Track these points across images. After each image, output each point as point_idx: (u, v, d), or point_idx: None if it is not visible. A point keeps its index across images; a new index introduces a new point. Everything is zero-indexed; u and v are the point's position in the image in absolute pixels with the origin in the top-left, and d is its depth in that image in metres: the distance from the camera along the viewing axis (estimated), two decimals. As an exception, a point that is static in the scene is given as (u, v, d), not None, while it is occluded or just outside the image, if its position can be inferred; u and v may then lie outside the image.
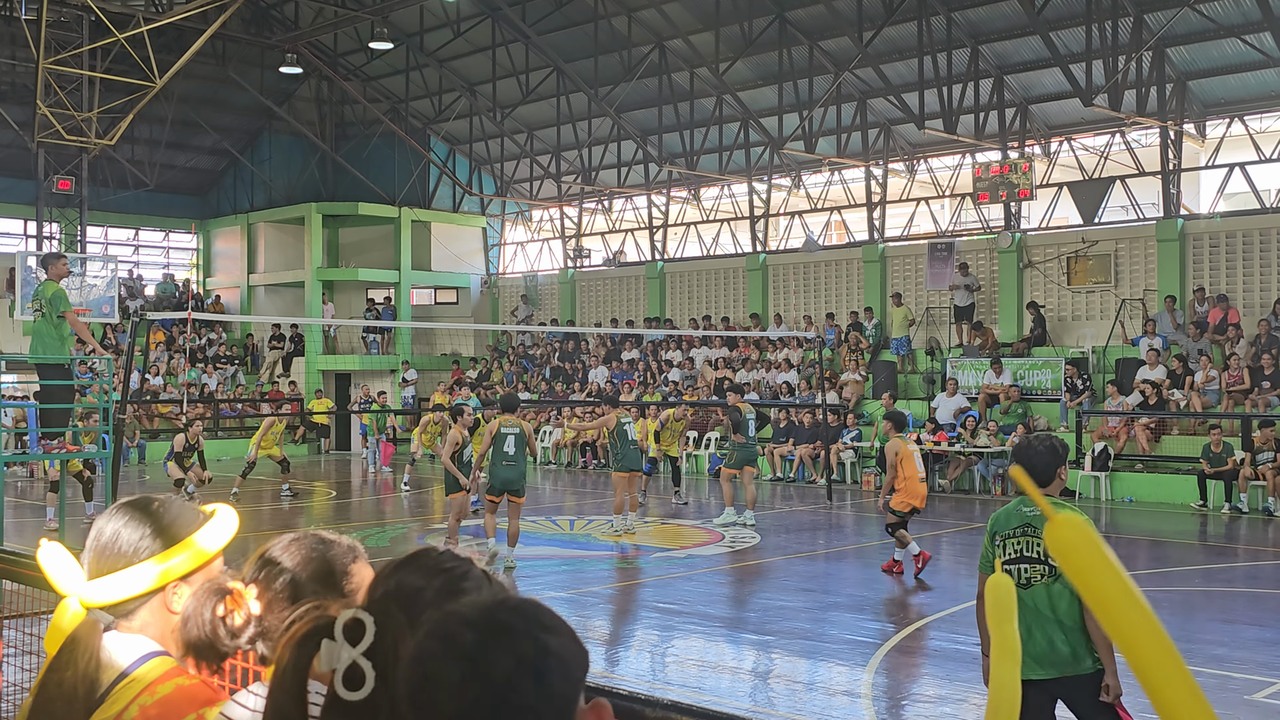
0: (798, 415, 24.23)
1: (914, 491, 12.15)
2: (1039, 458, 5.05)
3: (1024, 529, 5.05)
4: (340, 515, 18.69)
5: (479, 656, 1.29)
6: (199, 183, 37.78)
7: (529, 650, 1.30)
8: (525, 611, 1.34)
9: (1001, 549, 5.10)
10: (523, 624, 1.33)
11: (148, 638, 2.07)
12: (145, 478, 24.17)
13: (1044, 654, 4.90)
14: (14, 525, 15.49)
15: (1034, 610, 4.93)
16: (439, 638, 1.32)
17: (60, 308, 11.99)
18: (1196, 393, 20.44)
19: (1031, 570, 4.99)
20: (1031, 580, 4.98)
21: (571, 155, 32.70)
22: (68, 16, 27.53)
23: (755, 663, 9.27)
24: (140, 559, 2.05)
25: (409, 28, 31.28)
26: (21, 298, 24.88)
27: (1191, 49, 22.55)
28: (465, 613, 1.34)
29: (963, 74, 24.28)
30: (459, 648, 1.30)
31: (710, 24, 26.57)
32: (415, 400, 30.61)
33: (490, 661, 1.29)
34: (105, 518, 2.11)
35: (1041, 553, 4.97)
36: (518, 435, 13.04)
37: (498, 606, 1.35)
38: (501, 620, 1.32)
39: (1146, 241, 23.85)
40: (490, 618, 1.33)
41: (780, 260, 29.59)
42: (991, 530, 5.19)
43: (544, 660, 1.30)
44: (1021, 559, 5.02)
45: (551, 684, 1.30)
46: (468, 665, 1.28)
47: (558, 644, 1.33)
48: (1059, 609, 4.91)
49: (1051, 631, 4.90)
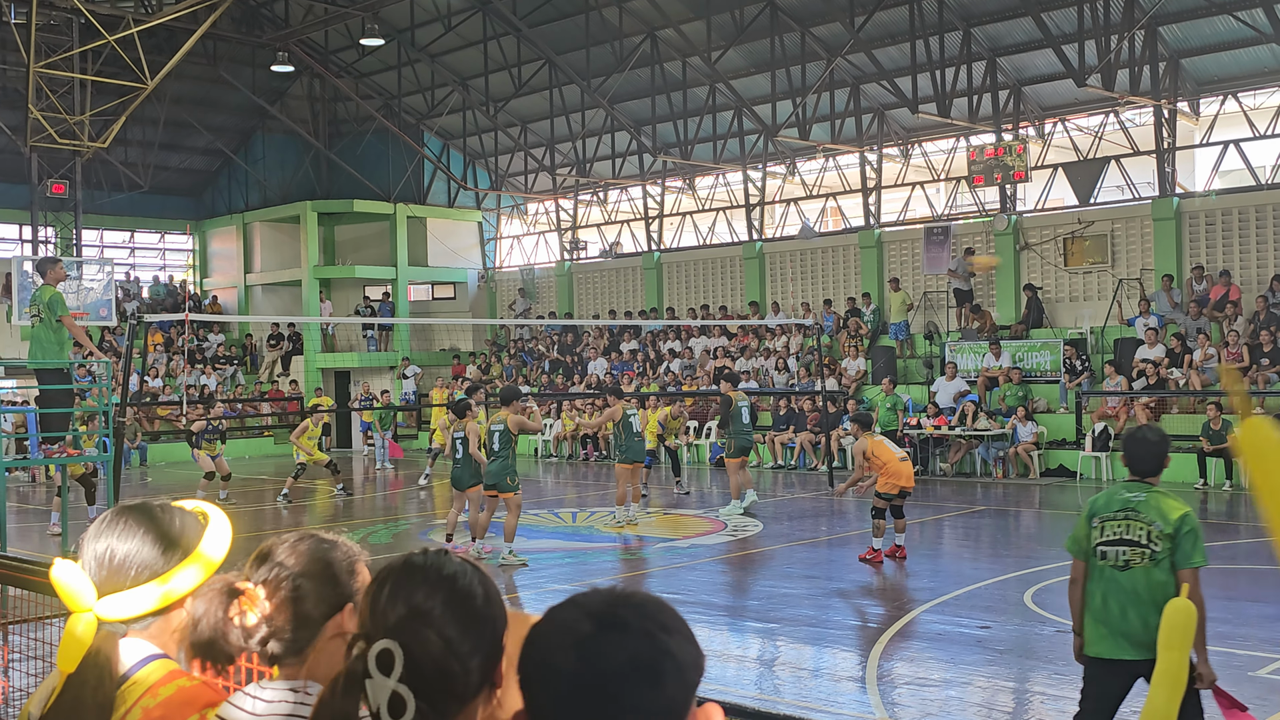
0: (798, 402, 24.24)
1: (896, 473, 12.14)
2: (1149, 447, 5.26)
3: (1125, 513, 5.15)
4: (344, 513, 18.69)
5: (593, 648, 1.31)
6: (193, 183, 37.73)
7: (645, 649, 1.31)
8: (647, 610, 1.36)
9: (1100, 531, 5.18)
10: (640, 622, 1.34)
11: (147, 640, 2.08)
12: (147, 480, 24.18)
13: (1138, 635, 4.98)
14: (16, 530, 15.50)
15: (1131, 592, 5.04)
16: (559, 625, 1.35)
17: (58, 311, 11.98)
18: (1195, 371, 20.45)
19: (1131, 553, 5.08)
20: (1130, 563, 5.08)
21: (565, 147, 32.66)
22: (57, 19, 27.46)
23: (760, 650, 9.29)
24: (155, 574, 2.06)
25: (400, 23, 31.23)
26: (19, 303, 24.87)
27: (1183, 27, 22.52)
28: (588, 603, 1.36)
29: (955, 57, 24.25)
30: (575, 637, 1.32)
31: (701, 12, 26.54)
32: (416, 396, 30.62)
33: (604, 655, 1.30)
34: (111, 529, 2.10)
35: (1142, 536, 5.06)
36: (502, 431, 13.09)
37: (621, 601, 1.36)
38: (621, 616, 1.34)
39: (1143, 221, 23.84)
40: (610, 612, 1.34)
41: (777, 248, 29.58)
42: (1090, 513, 5.27)
43: (660, 661, 1.32)
44: (1121, 541, 5.12)
45: (665, 685, 1.31)
46: (581, 655, 1.30)
47: (675, 646, 1.34)
48: (1156, 592, 4.99)
49: (1147, 614, 4.98)
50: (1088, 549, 5.21)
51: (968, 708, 7.48)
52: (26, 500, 21.20)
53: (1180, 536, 5.01)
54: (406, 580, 1.57)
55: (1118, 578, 5.06)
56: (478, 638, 1.55)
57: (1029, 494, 18.97)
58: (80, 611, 2.00)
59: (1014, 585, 11.23)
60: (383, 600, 1.55)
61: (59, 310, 11.98)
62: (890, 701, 7.61)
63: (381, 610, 1.54)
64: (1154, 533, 5.04)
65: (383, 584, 1.58)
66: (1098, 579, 5.14)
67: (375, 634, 1.51)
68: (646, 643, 1.32)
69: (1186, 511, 5.07)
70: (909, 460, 12.57)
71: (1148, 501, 5.11)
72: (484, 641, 1.56)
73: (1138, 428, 5.46)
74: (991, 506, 17.63)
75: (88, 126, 28.34)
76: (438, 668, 1.50)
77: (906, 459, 12.49)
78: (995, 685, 8.05)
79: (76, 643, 1.97)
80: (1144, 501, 5.11)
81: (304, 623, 2.02)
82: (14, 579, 4.22)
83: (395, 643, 1.48)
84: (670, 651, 1.33)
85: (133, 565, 2.06)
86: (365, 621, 1.55)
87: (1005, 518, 16.73)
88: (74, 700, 1.97)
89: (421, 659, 1.48)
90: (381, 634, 1.50)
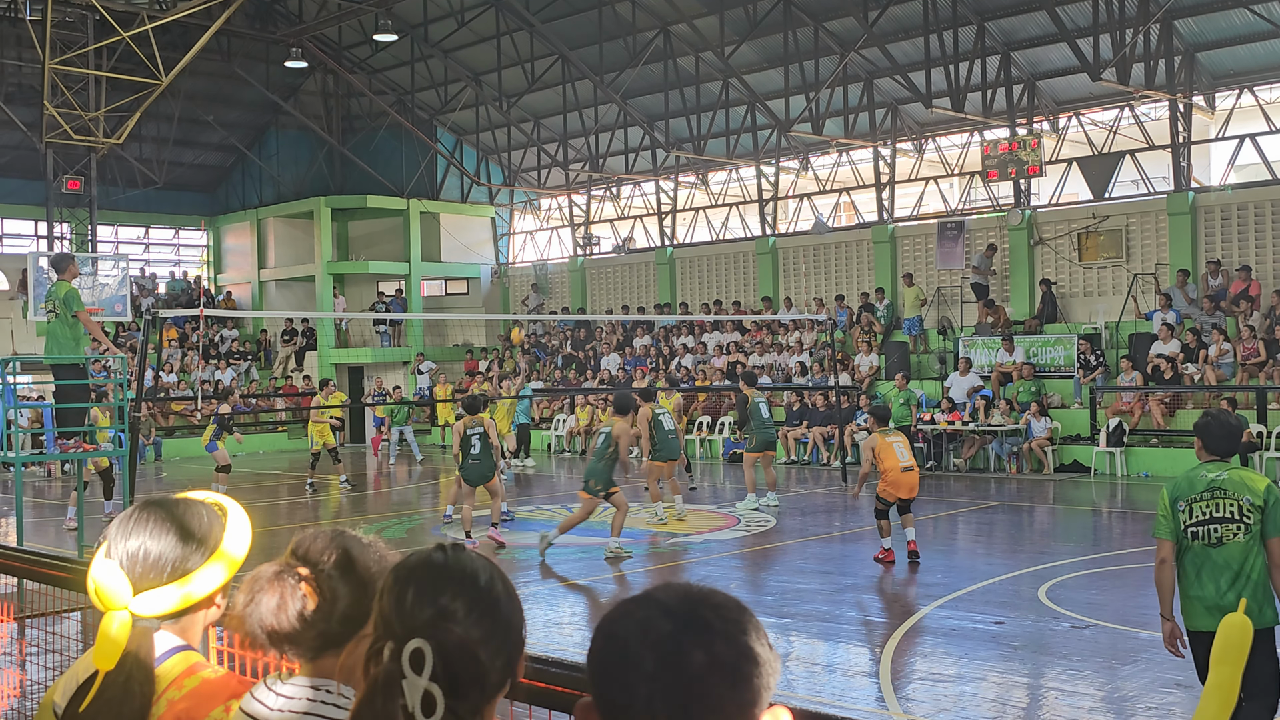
0: (810, 398, 24.22)
1: (896, 482, 11.96)
2: (1229, 428, 5.53)
3: (1212, 491, 5.34)
4: (357, 508, 18.75)
5: (673, 649, 1.29)
6: (208, 179, 37.85)
7: (725, 652, 1.30)
8: (727, 612, 1.35)
9: (1187, 513, 5.37)
10: (722, 624, 1.33)
11: (172, 633, 2.09)
12: (162, 475, 24.29)
13: (1231, 607, 5.08)
14: (33, 525, 15.59)
15: (1224, 565, 5.25)
16: (636, 622, 1.33)
17: (74, 307, 12.03)
18: (1210, 366, 20.36)
19: (1224, 529, 5.28)
20: (1224, 539, 5.27)
21: (578, 143, 32.66)
22: (72, 16, 27.57)
23: (774, 645, 9.29)
24: (186, 572, 2.08)
25: (413, 19, 31.26)
26: (34, 299, 24.99)
27: (1199, 20, 22.41)
28: (667, 601, 1.35)
29: (969, 51, 24.16)
30: (654, 635, 1.31)
31: (714, 7, 26.50)
32: (430, 392, 30.68)
33: (684, 655, 1.29)
34: (142, 526, 2.11)
35: (1233, 511, 5.26)
36: (481, 435, 13.95)
37: (701, 601, 1.35)
38: (702, 617, 1.33)
39: (1158, 215, 23.74)
40: (692, 612, 1.33)
41: (790, 243, 29.54)
42: (1173, 497, 5.45)
43: (740, 664, 1.31)
44: (1211, 520, 5.31)
45: (743, 688, 1.30)
46: (661, 655, 1.29)
47: (756, 647, 1.33)
48: (1248, 563, 5.24)
49: (1241, 587, 5.21)
50: (1178, 530, 5.40)
51: (981, 703, 7.47)
52: (42, 495, 21.31)
53: (1271, 506, 5.24)
54: (431, 580, 1.58)
55: (1211, 555, 5.28)
56: (502, 634, 1.57)
57: (1043, 489, 18.92)
58: (115, 609, 2.01)
59: (1028, 581, 11.20)
60: (409, 601, 1.56)
61: (75, 305, 12.03)
62: (904, 697, 7.60)
63: (409, 611, 1.55)
64: (1244, 506, 5.26)
65: (406, 585, 1.58)
66: (1192, 559, 5.35)
67: (404, 634, 1.52)
68: (727, 644, 1.31)
69: (1270, 483, 5.33)
70: (914, 470, 12.20)
71: (1231, 479, 5.34)
72: (507, 637, 1.57)
73: (1216, 410, 5.75)
74: (1005, 502, 17.60)
75: (103, 123, 28.45)
76: (466, 665, 1.51)
77: (911, 469, 12.13)
78: (1009, 681, 8.03)
79: (113, 641, 1.99)
80: (1228, 479, 5.32)
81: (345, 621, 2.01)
82: (31, 573, 4.25)
83: (425, 642, 1.49)
84: (751, 653, 1.32)
85: (167, 563, 2.08)
86: (391, 622, 1.56)
87: (1019, 513, 16.70)
88: (117, 698, 1.99)
89: (450, 657, 1.50)
90: (410, 634, 1.51)
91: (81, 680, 2.06)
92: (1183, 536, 5.37)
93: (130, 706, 1.98)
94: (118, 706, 1.98)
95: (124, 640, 1.99)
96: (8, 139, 31.36)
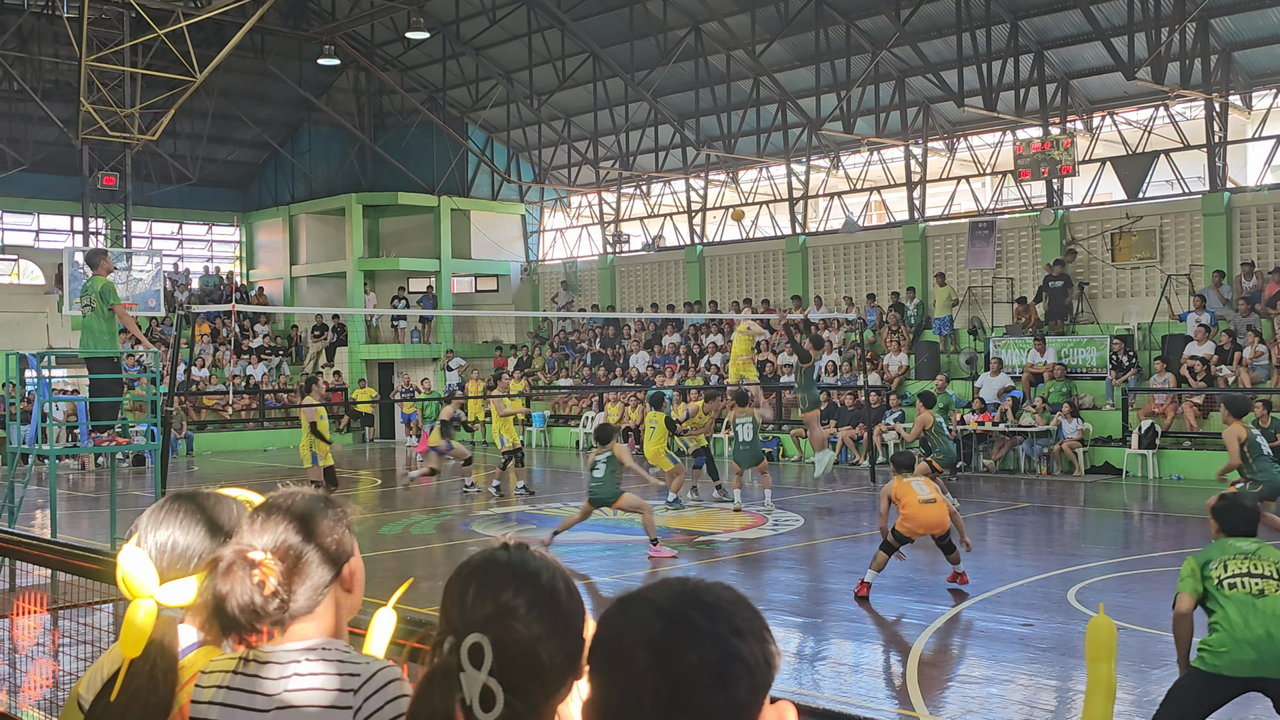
0: (840, 397, 24.13)
1: (914, 516, 10.73)
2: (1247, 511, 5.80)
3: (1245, 555, 5.56)
4: (387, 503, 18.83)
5: (663, 648, 1.30)
6: (240, 176, 38.12)
7: (713, 653, 1.30)
8: (717, 612, 1.34)
9: (1223, 568, 5.52)
10: (710, 624, 1.33)
11: (194, 628, 2.12)
12: (194, 469, 24.48)
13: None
14: (66, 518, 15.75)
15: (1273, 615, 5.36)
16: (630, 620, 1.35)
17: (110, 300, 12.16)
18: (1245, 368, 20.16)
19: (1264, 583, 5.46)
20: (1265, 591, 5.44)
21: (609, 140, 32.68)
22: (109, 14, 27.82)
23: (800, 645, 9.27)
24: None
25: (445, 16, 31.37)
26: (69, 294, 25.24)
27: (1235, 19, 22.17)
28: (659, 600, 1.36)
29: (1002, 50, 24.01)
30: (646, 634, 1.32)
31: (746, 5, 26.46)
32: (461, 388, 30.76)
33: (673, 654, 1.30)
34: (172, 518, 2.15)
35: (1272, 571, 5.47)
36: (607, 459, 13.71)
37: (691, 601, 1.35)
38: (690, 617, 1.33)
39: (1192, 216, 23.52)
40: (680, 612, 1.34)
41: (820, 242, 29.45)
42: (1202, 561, 5.59)
43: (729, 665, 1.31)
44: (1250, 575, 5.48)
45: (734, 690, 1.31)
46: (653, 654, 1.30)
47: (746, 650, 1.33)
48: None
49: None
50: (1206, 586, 5.52)
51: (1009, 705, 7.43)
52: (76, 488, 21.53)
53: None
54: (493, 577, 1.59)
55: (1255, 604, 5.39)
56: (563, 633, 1.58)
57: (1073, 491, 18.79)
58: (141, 598, 2.04)
59: (1057, 583, 11.13)
60: (470, 597, 1.58)
61: (110, 299, 12.16)
62: (931, 698, 7.58)
63: (469, 607, 1.57)
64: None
65: (468, 580, 1.60)
66: (1233, 605, 5.43)
67: (464, 630, 1.54)
68: (715, 646, 1.31)
69: None
70: (937, 503, 10.89)
71: (1260, 551, 5.57)
72: (567, 636, 1.59)
73: (1230, 495, 6.08)
74: (1035, 504, 17.49)
75: (137, 119, 28.70)
76: (525, 662, 1.53)
77: (934, 501, 10.86)
78: (1037, 683, 7.99)
79: (138, 628, 2.02)
80: (1258, 551, 5.58)
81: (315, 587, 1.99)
82: (65, 565, 4.30)
83: (485, 637, 1.51)
84: (739, 655, 1.32)
85: (194, 555, 2.11)
86: (453, 617, 1.57)
87: (1049, 515, 16.59)
88: (143, 688, 2.01)
89: (509, 654, 1.51)
90: (469, 630, 1.53)
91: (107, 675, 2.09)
92: (1218, 590, 5.46)
93: (156, 696, 2.01)
94: (145, 696, 2.00)
95: (149, 628, 2.01)
96: (44, 135, 31.70)
